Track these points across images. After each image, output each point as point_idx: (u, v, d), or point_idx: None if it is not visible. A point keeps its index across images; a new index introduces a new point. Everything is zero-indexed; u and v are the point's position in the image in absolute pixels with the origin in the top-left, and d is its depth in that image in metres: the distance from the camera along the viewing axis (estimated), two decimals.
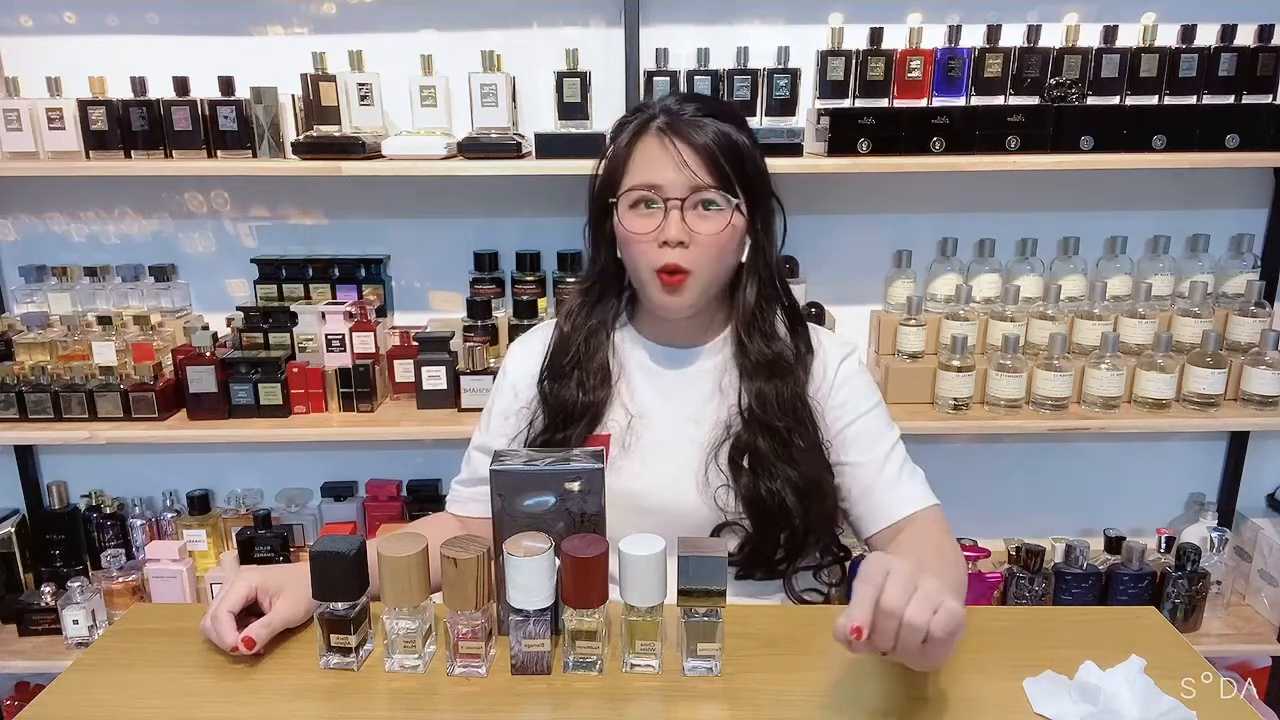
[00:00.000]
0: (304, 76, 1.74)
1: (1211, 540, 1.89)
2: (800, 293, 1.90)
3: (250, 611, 0.98)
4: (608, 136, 1.19)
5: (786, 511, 1.12)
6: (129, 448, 2.05)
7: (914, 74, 1.72)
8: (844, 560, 1.24)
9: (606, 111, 1.77)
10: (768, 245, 1.16)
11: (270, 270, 1.93)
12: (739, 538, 1.15)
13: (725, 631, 0.92)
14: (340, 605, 0.93)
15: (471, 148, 1.72)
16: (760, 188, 1.14)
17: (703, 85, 1.73)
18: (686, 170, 1.08)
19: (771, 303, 1.18)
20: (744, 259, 1.16)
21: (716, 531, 1.14)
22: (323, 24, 1.88)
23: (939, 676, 0.93)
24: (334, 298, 1.92)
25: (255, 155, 1.76)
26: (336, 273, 1.95)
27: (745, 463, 1.14)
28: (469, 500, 1.25)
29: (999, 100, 1.74)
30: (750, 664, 0.95)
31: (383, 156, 1.75)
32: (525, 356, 1.25)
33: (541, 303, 1.89)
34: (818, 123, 1.74)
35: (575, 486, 0.93)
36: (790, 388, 1.15)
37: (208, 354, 1.78)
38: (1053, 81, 1.72)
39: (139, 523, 1.98)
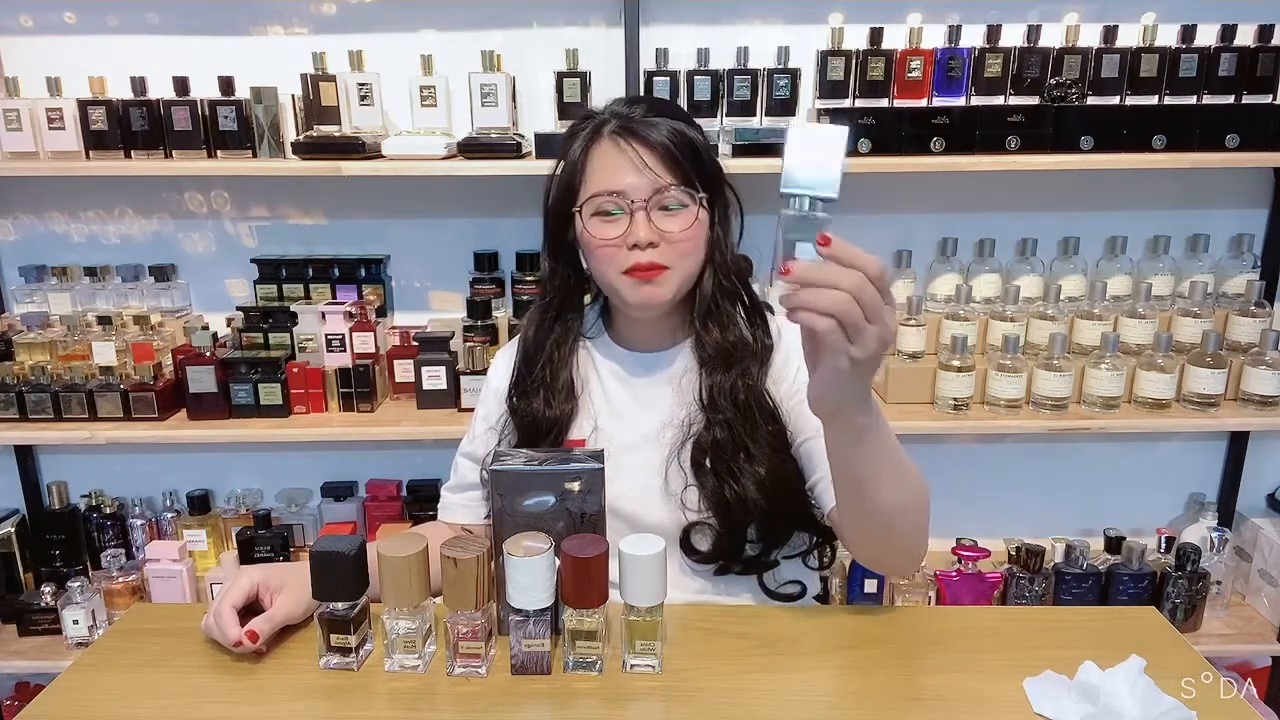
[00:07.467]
0: (304, 76, 1.74)
1: (1211, 540, 1.89)
2: None
3: (251, 610, 0.99)
4: (560, 148, 1.16)
5: (751, 506, 1.10)
6: (129, 448, 2.05)
7: (914, 74, 1.72)
8: (832, 541, 1.19)
9: None
10: (724, 239, 1.16)
11: (270, 270, 1.93)
12: (709, 537, 1.14)
13: (724, 631, 0.92)
14: (340, 605, 0.93)
15: (471, 148, 1.72)
16: (717, 182, 1.13)
17: (703, 85, 1.73)
18: (648, 171, 1.07)
19: (730, 296, 1.16)
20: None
21: (686, 533, 1.13)
22: (323, 24, 1.88)
23: (939, 676, 0.93)
24: (334, 298, 1.92)
25: (255, 155, 1.76)
26: (336, 273, 1.95)
27: (707, 462, 1.12)
28: (459, 507, 1.25)
29: (999, 100, 1.74)
30: (750, 664, 0.95)
31: (383, 156, 1.75)
32: (508, 363, 1.25)
33: None
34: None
35: (575, 486, 0.93)
36: (745, 379, 1.13)
37: (208, 354, 1.78)
38: (1053, 81, 1.72)
39: (139, 523, 1.98)
